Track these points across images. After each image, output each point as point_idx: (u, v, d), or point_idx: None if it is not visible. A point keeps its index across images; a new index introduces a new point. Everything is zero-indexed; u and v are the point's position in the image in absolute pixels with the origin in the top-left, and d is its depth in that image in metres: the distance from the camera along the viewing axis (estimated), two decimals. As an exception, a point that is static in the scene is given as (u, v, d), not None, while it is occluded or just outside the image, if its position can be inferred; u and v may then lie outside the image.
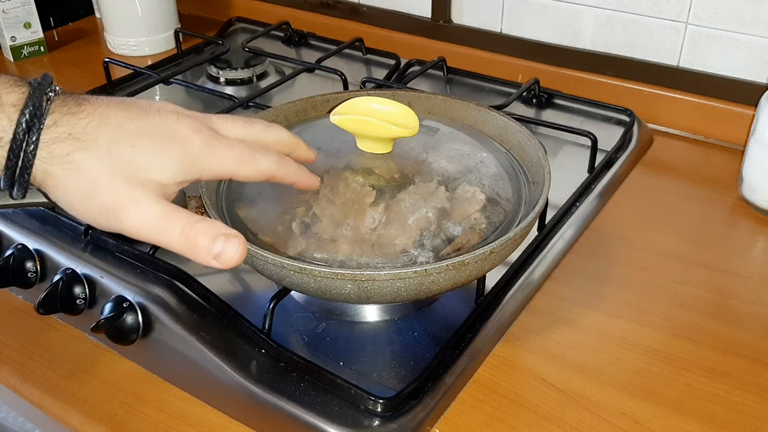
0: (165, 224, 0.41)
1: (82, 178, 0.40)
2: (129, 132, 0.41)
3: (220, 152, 0.44)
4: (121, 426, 0.53)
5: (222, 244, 0.41)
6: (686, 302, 0.61)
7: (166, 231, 0.41)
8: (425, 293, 0.49)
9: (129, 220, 0.41)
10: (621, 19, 0.87)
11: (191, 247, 0.41)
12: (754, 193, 0.71)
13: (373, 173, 0.55)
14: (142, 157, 0.41)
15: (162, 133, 0.42)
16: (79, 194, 0.40)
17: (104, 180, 0.40)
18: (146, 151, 0.41)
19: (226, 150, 0.44)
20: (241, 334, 0.55)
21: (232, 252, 0.41)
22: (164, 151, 0.42)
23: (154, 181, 0.41)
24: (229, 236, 0.41)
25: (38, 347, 0.60)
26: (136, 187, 0.41)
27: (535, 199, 0.56)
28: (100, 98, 0.42)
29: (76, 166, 0.40)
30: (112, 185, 0.40)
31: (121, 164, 0.40)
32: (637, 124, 0.84)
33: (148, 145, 0.41)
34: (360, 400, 0.49)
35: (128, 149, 0.41)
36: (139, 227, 0.41)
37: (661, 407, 0.52)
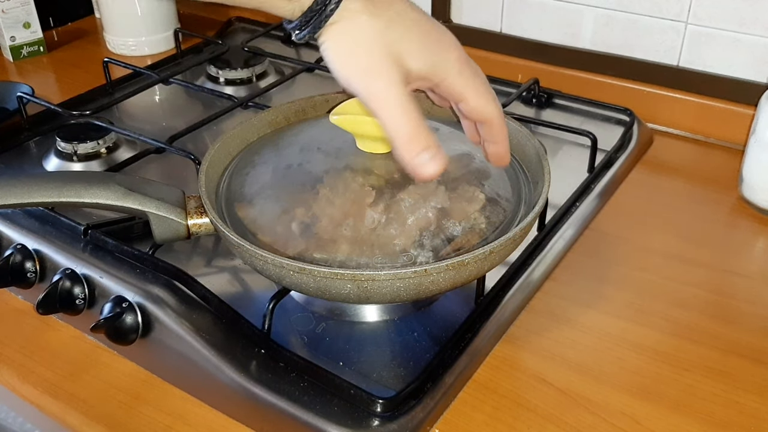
0: (399, 112, 0.46)
1: (359, 37, 0.46)
2: (409, 19, 0.48)
3: (467, 72, 0.50)
4: (121, 426, 0.53)
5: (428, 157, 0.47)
6: (686, 302, 0.61)
7: (396, 118, 0.46)
8: (425, 293, 0.49)
9: (375, 87, 0.46)
10: (621, 19, 0.87)
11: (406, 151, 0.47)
12: (754, 193, 0.71)
13: (373, 173, 0.55)
14: (406, 44, 0.47)
15: (434, 29, 0.49)
16: (346, 49, 0.47)
17: (368, 47, 0.46)
18: (413, 40, 0.47)
19: (471, 75, 0.50)
20: (241, 334, 0.55)
21: (432, 170, 0.47)
22: (427, 46, 0.48)
23: (404, 66, 0.47)
24: (439, 152, 0.47)
25: (38, 347, 0.60)
26: (391, 65, 0.46)
27: (534, 199, 0.56)
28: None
29: (355, 25, 0.46)
30: (374, 54, 0.46)
31: (389, 41, 0.46)
32: (636, 123, 0.84)
33: (418, 36, 0.48)
34: (360, 400, 0.49)
35: (401, 31, 0.47)
36: (380, 100, 0.46)
37: (660, 407, 0.52)
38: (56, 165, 0.77)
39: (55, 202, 0.54)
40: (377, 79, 0.46)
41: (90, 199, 0.54)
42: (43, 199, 0.53)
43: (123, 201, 0.54)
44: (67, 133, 0.78)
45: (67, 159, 0.77)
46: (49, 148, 0.79)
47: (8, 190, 0.53)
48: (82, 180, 0.54)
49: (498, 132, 0.52)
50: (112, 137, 0.79)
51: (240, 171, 0.60)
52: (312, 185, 0.54)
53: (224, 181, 0.59)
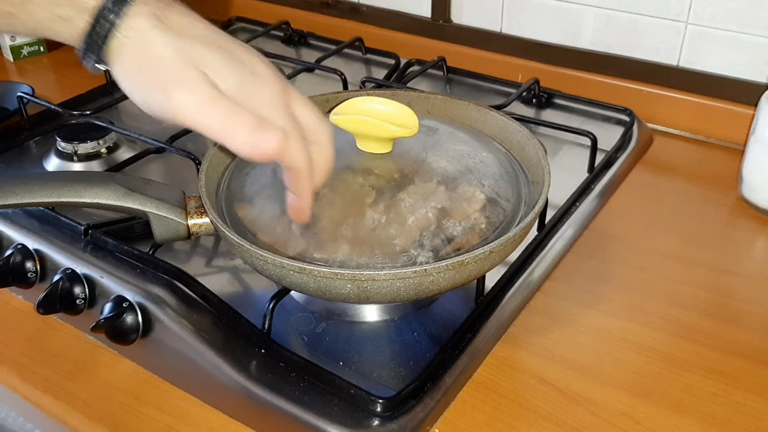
0: (218, 114, 0.42)
1: (149, 52, 0.42)
2: (209, 38, 0.44)
3: (278, 111, 0.44)
4: (121, 426, 0.53)
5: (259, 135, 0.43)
6: (686, 302, 0.61)
7: (219, 121, 0.42)
8: (425, 293, 0.49)
9: (179, 98, 0.42)
10: (621, 19, 0.87)
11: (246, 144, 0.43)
12: (754, 193, 0.71)
13: (373, 173, 0.55)
14: (211, 58, 0.43)
15: (241, 54, 0.44)
16: (137, 67, 0.42)
17: (169, 58, 0.42)
18: (218, 58, 0.43)
19: (282, 116, 0.44)
20: (241, 334, 0.55)
21: (274, 142, 0.43)
22: (233, 65, 0.43)
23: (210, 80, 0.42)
24: (267, 128, 0.43)
25: (38, 347, 0.60)
26: (192, 72, 0.42)
27: (534, 199, 0.56)
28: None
29: (149, 42, 0.42)
30: (175, 64, 0.42)
31: (190, 54, 0.42)
32: (636, 123, 0.84)
33: (223, 54, 0.43)
34: (360, 400, 0.49)
35: (203, 48, 0.43)
36: (190, 110, 0.42)
37: (660, 407, 0.52)
38: (56, 165, 0.77)
39: (56, 202, 0.54)
40: (180, 89, 0.42)
41: (90, 199, 0.54)
42: (43, 199, 0.53)
43: (123, 201, 0.54)
44: (67, 133, 0.78)
45: (68, 159, 0.77)
46: (50, 148, 0.79)
47: (8, 190, 0.53)
48: (82, 180, 0.54)
49: (299, 185, 0.47)
50: (113, 137, 0.79)
51: (240, 171, 0.60)
52: (312, 185, 0.54)
53: (224, 181, 0.59)
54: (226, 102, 0.43)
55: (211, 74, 0.43)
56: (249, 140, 0.43)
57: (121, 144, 0.80)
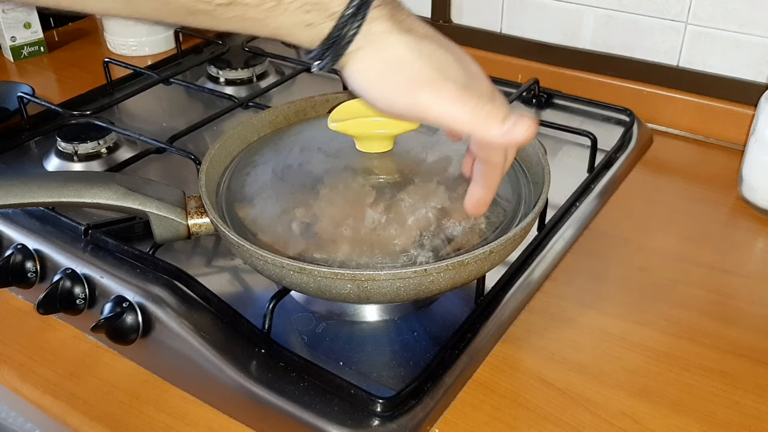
0: (459, 109, 0.44)
1: (391, 54, 0.43)
2: (435, 38, 0.45)
3: (496, 103, 0.45)
4: (121, 426, 0.53)
5: (510, 125, 0.44)
6: (686, 302, 0.61)
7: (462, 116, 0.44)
8: (425, 293, 0.49)
9: (422, 98, 0.44)
10: (621, 19, 0.87)
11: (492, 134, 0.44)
12: (754, 193, 0.71)
13: (373, 173, 0.55)
14: (443, 58, 0.44)
15: (465, 57, 0.46)
16: (377, 70, 0.43)
17: (410, 59, 0.43)
18: (447, 56, 0.45)
19: (500, 107, 0.45)
20: (241, 334, 0.55)
21: (524, 131, 0.44)
22: (462, 67, 0.45)
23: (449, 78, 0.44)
24: (518, 116, 0.44)
25: (38, 347, 0.60)
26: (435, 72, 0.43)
27: (534, 199, 0.56)
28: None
29: (389, 45, 0.43)
30: (417, 65, 0.43)
31: (427, 54, 0.44)
32: (636, 123, 0.84)
33: (449, 53, 0.45)
34: (360, 400, 0.49)
35: (435, 47, 0.44)
36: (434, 108, 0.44)
37: (660, 407, 0.52)
38: (57, 165, 0.77)
39: (56, 202, 0.54)
40: (427, 88, 0.44)
41: (90, 199, 0.54)
42: (43, 199, 0.53)
43: (123, 201, 0.54)
44: (67, 133, 0.79)
45: (68, 159, 0.77)
46: (50, 148, 0.79)
47: (8, 190, 0.53)
48: (82, 180, 0.54)
49: (494, 178, 0.50)
50: (113, 137, 0.79)
51: (240, 171, 0.60)
52: (312, 185, 0.54)
53: (224, 181, 0.59)
54: (471, 97, 0.44)
55: (444, 73, 0.44)
56: (502, 131, 0.44)
57: (121, 144, 0.80)
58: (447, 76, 0.44)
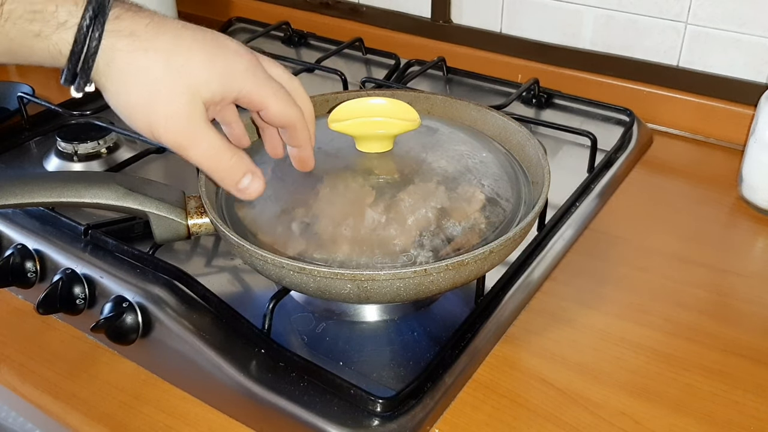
0: (211, 152, 0.46)
1: (145, 76, 0.43)
2: (185, 40, 0.44)
3: (261, 78, 0.47)
4: (121, 426, 0.53)
5: (248, 180, 0.48)
6: (686, 302, 0.61)
7: (211, 159, 0.46)
8: (425, 293, 0.49)
9: (191, 149, 0.45)
10: (621, 19, 0.87)
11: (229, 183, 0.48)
12: (754, 193, 0.71)
13: (373, 173, 0.55)
14: (194, 71, 0.44)
15: (214, 43, 0.46)
16: (144, 93, 0.43)
17: (167, 86, 0.43)
18: (198, 63, 0.44)
19: (266, 79, 0.47)
20: (241, 334, 0.55)
21: (255, 190, 0.49)
22: (213, 64, 0.45)
23: (199, 96, 0.44)
24: (255, 174, 0.48)
25: (38, 347, 0.60)
26: (188, 104, 0.44)
27: (534, 199, 0.56)
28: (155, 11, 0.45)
29: (138, 65, 0.43)
30: (170, 99, 0.43)
31: (176, 70, 0.43)
32: (636, 123, 0.84)
33: (200, 57, 0.44)
34: (359, 400, 0.49)
35: (183, 58, 0.44)
36: (190, 147, 0.45)
37: (660, 407, 0.52)
38: (57, 165, 0.77)
39: (56, 202, 0.54)
40: (181, 128, 0.44)
41: (90, 199, 0.54)
42: (43, 199, 0.53)
43: (123, 201, 0.54)
44: (67, 133, 0.79)
45: (68, 159, 0.77)
46: (50, 148, 0.79)
47: (8, 190, 0.53)
48: (82, 180, 0.54)
49: (301, 135, 0.51)
50: (113, 137, 0.79)
51: (240, 171, 0.59)
52: (312, 185, 0.54)
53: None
54: (225, 146, 0.46)
55: (197, 84, 0.44)
56: (241, 189, 0.49)
57: (121, 144, 0.80)
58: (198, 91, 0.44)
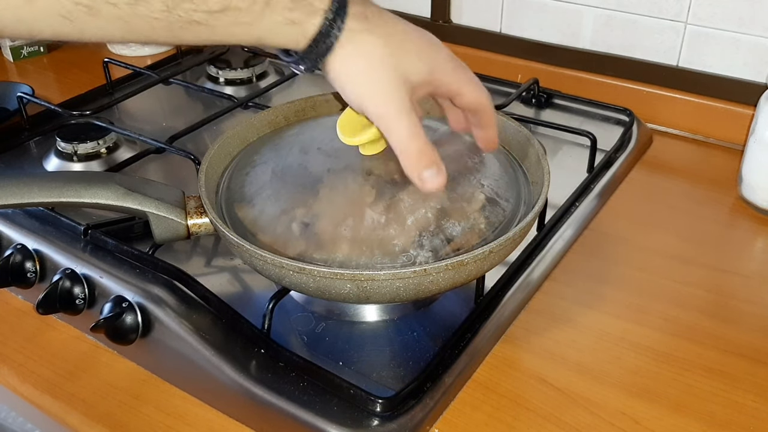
0: (408, 133, 0.48)
1: (369, 54, 0.47)
2: (401, 30, 0.49)
3: (459, 67, 0.52)
4: (121, 426, 0.53)
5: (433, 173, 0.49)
6: (686, 302, 0.61)
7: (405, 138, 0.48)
8: (424, 293, 0.49)
9: (393, 127, 0.48)
10: (620, 19, 0.87)
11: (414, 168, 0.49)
12: (753, 193, 0.71)
13: (373, 173, 0.55)
14: (406, 57, 0.48)
15: (420, 33, 0.50)
16: (364, 69, 0.47)
17: (378, 70, 0.47)
18: (410, 51, 0.48)
19: (463, 68, 0.52)
20: (241, 333, 0.55)
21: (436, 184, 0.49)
22: (421, 54, 0.49)
23: (409, 80, 0.48)
24: (441, 168, 0.49)
25: (38, 347, 0.60)
26: (399, 86, 0.47)
27: (534, 199, 0.56)
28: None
29: (364, 47, 0.46)
30: (384, 77, 0.47)
31: (393, 58, 0.47)
32: (636, 123, 0.84)
33: (412, 46, 0.49)
34: (359, 399, 0.49)
35: (398, 45, 0.48)
36: (392, 122, 0.48)
37: (660, 407, 0.52)
38: (56, 165, 0.77)
39: (56, 202, 0.54)
40: (389, 103, 0.47)
41: (90, 199, 0.54)
42: (43, 199, 0.53)
43: (123, 201, 0.54)
44: (67, 133, 0.79)
45: (68, 159, 0.77)
46: (50, 148, 0.79)
47: (8, 190, 0.53)
48: (82, 180, 0.54)
49: (490, 118, 0.54)
50: (113, 137, 0.79)
51: (240, 171, 0.60)
52: (312, 185, 0.54)
53: (224, 181, 0.59)
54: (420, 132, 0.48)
55: (408, 69, 0.48)
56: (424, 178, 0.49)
57: (121, 144, 0.80)
58: (408, 76, 0.48)
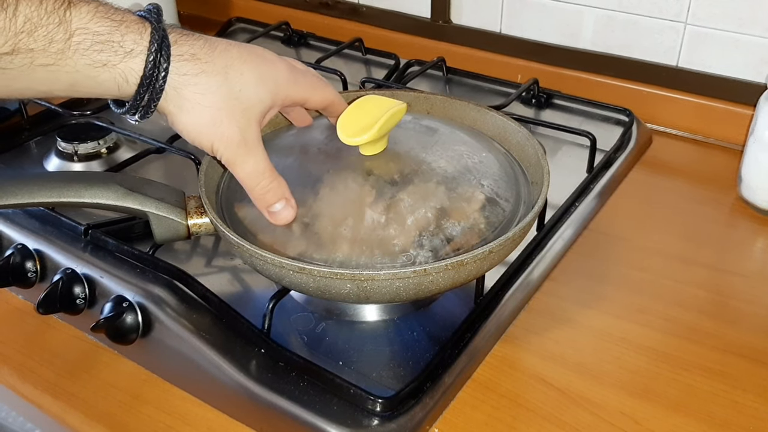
0: (257, 173, 0.50)
1: (209, 102, 0.46)
2: (234, 56, 0.48)
3: (299, 80, 0.52)
4: (121, 426, 0.53)
5: (281, 206, 0.51)
6: (686, 302, 0.61)
7: (254, 178, 0.50)
8: (424, 293, 0.49)
9: (240, 166, 0.49)
10: (620, 20, 0.87)
11: (263, 205, 0.51)
12: (753, 193, 0.71)
13: (373, 173, 0.55)
14: (248, 90, 0.48)
15: (257, 58, 0.50)
16: (207, 121, 0.47)
17: (228, 111, 0.47)
18: (251, 82, 0.48)
19: (302, 76, 0.53)
20: (241, 333, 0.55)
21: (285, 217, 0.51)
22: (262, 79, 0.49)
23: (255, 114, 0.49)
24: (289, 202, 0.51)
25: (38, 347, 0.60)
26: (247, 125, 0.48)
27: (534, 199, 0.56)
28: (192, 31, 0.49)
29: (203, 90, 0.46)
30: (229, 121, 0.47)
31: (235, 95, 0.47)
32: (636, 124, 0.84)
33: (251, 74, 0.48)
34: (359, 399, 0.49)
35: (237, 78, 0.47)
36: (241, 166, 0.50)
37: (660, 407, 0.52)
38: (57, 165, 0.77)
39: (56, 202, 0.54)
40: (236, 148, 0.48)
41: (90, 199, 0.54)
42: (43, 199, 0.53)
43: (123, 201, 0.54)
44: (67, 133, 0.79)
45: (68, 159, 0.77)
46: (50, 148, 0.79)
47: (8, 190, 0.53)
48: (82, 180, 0.54)
49: (340, 107, 0.56)
50: (113, 137, 0.79)
51: (240, 171, 0.59)
52: (312, 185, 0.54)
53: (224, 181, 0.59)
54: (269, 169, 0.50)
55: (252, 102, 0.48)
56: (271, 212, 0.51)
57: (121, 144, 0.80)
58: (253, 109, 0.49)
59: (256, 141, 0.49)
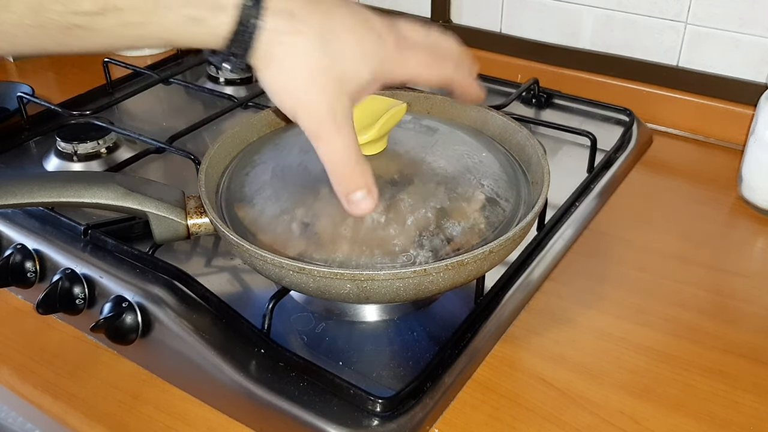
0: (343, 154, 0.46)
1: (302, 63, 0.43)
2: (337, 21, 0.44)
3: (407, 56, 0.47)
4: (121, 426, 0.53)
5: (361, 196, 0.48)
6: (686, 302, 0.61)
7: (339, 159, 0.47)
8: (424, 293, 0.49)
9: (325, 142, 0.46)
10: (620, 19, 0.87)
11: (343, 189, 0.48)
12: (753, 193, 0.71)
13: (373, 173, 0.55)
14: (346, 59, 0.44)
15: (363, 25, 0.45)
16: (295, 86, 0.44)
17: (320, 76, 0.44)
18: (350, 50, 0.44)
19: (413, 54, 0.48)
20: (241, 333, 0.55)
21: (364, 208, 0.48)
22: (363, 51, 0.45)
23: (349, 87, 0.45)
24: (371, 192, 0.48)
25: (38, 347, 0.60)
26: (337, 98, 0.44)
27: (534, 199, 0.56)
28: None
29: (296, 52, 0.43)
30: (319, 89, 0.44)
31: (330, 64, 0.44)
32: (636, 123, 0.84)
33: (352, 42, 0.44)
34: (359, 400, 0.49)
35: (336, 44, 0.44)
36: (327, 141, 0.46)
37: (660, 407, 0.52)
38: (56, 165, 0.77)
39: (56, 202, 0.54)
40: (324, 120, 0.45)
41: (90, 199, 0.54)
42: (43, 199, 0.53)
43: (123, 201, 0.54)
44: (67, 133, 0.79)
45: (67, 159, 0.77)
46: (50, 148, 0.79)
47: (8, 190, 0.53)
48: (82, 180, 0.54)
49: (459, 85, 0.52)
50: (112, 137, 0.79)
51: (240, 171, 0.60)
52: (312, 185, 0.54)
53: (224, 181, 0.59)
54: (356, 151, 0.46)
55: (348, 73, 0.45)
56: (351, 200, 0.48)
57: (120, 144, 0.80)
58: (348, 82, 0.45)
59: (346, 118, 0.45)
